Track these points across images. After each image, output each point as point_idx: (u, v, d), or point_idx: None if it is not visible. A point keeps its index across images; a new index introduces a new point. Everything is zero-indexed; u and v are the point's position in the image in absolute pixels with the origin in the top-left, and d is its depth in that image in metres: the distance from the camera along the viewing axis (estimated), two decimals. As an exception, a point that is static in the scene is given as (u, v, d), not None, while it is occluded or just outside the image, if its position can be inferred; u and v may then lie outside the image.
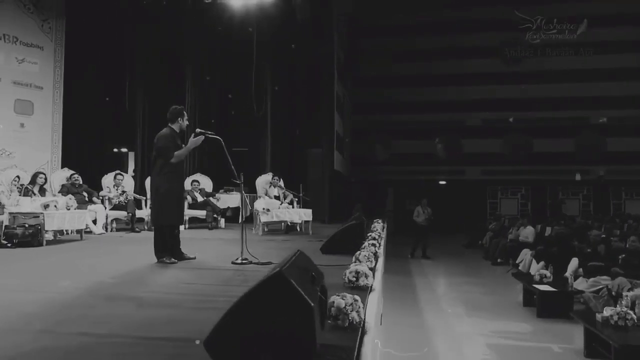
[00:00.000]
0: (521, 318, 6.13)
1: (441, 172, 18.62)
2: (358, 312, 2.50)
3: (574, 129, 17.81)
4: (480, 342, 5.13)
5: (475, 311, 6.55)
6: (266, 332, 1.72)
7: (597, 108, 17.68)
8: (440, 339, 5.28)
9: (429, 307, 6.78)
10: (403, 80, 18.69)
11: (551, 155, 17.72)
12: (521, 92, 18.09)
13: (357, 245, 5.34)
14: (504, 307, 6.75)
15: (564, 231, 8.88)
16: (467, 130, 18.55)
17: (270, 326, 1.72)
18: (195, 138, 4.69)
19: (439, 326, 5.80)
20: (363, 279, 3.50)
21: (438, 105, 18.48)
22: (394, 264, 10.84)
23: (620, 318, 4.29)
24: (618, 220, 13.41)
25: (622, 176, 17.35)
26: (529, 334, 5.45)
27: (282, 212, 8.12)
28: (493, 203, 18.50)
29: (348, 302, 2.50)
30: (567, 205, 17.75)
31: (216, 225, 9.27)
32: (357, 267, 3.53)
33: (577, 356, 4.71)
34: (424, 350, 4.89)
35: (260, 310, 1.74)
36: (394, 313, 6.40)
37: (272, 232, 8.56)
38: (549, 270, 7.19)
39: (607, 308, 4.48)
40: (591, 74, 17.85)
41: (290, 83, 11.96)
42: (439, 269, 10.45)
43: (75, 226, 6.66)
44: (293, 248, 6.62)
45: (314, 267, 2.32)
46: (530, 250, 8.97)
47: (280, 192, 9.10)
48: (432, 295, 7.60)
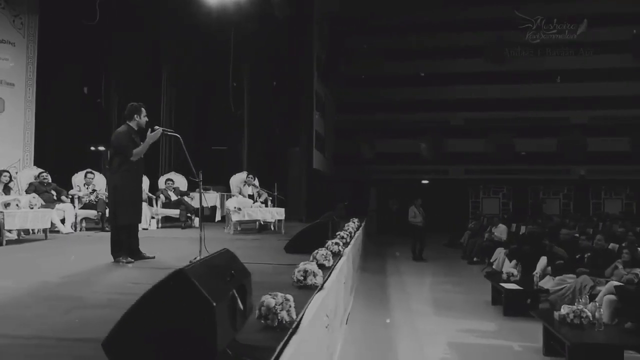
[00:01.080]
0: (487, 317, 6.13)
1: (425, 172, 18.67)
2: (289, 312, 2.47)
3: (555, 129, 17.96)
4: (442, 340, 5.12)
5: (443, 310, 6.55)
6: (166, 332, 1.68)
7: (578, 108, 17.84)
8: (402, 338, 5.26)
9: (398, 306, 6.77)
10: (387, 80, 18.71)
11: (533, 155, 17.85)
12: (504, 92, 18.20)
13: (321, 244, 5.32)
14: (473, 306, 6.76)
15: (536, 230, 8.94)
16: (451, 130, 18.62)
17: (171, 326, 1.68)
18: (153, 132, 4.62)
19: (404, 325, 5.78)
20: (311, 277, 3.46)
21: (422, 105, 18.53)
22: (372, 263, 10.87)
23: (575, 316, 4.30)
24: (595, 220, 13.55)
25: (602, 176, 17.54)
26: (492, 333, 5.46)
27: (254, 211, 8.07)
28: (475, 202, 18.60)
29: (278, 302, 2.47)
30: (548, 204, 17.91)
31: (190, 225, 9.20)
32: (305, 266, 3.50)
33: (536, 354, 4.72)
34: (383, 349, 4.87)
35: (160, 310, 1.70)
36: (362, 312, 6.40)
37: (245, 231, 8.52)
38: (517, 268, 7.24)
39: (564, 306, 4.49)
40: (574, 74, 18.01)
41: (270, 82, 11.91)
42: (414, 268, 10.47)
43: (39, 225, 6.55)
44: (262, 247, 6.61)
45: (238, 266, 2.28)
46: (504, 249, 9.00)
47: (254, 191, 9.05)
48: (403, 294, 7.59)
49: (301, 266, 3.52)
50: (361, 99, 18.65)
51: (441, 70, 18.44)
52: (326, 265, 4.40)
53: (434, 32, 18.47)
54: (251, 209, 8.11)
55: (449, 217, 16.68)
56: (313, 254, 4.46)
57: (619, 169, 17.35)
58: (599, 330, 4.23)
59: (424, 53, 18.56)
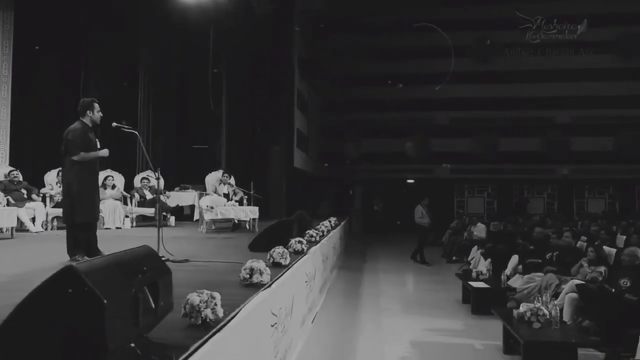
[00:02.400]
0: (456, 315, 6.12)
1: (410, 171, 18.69)
2: (213, 310, 2.42)
3: (539, 129, 18.04)
4: (406, 339, 5.09)
5: (412, 308, 6.53)
6: (56, 328, 1.63)
7: (562, 108, 17.92)
8: (366, 336, 5.23)
9: (368, 304, 6.74)
10: (373, 79, 18.70)
11: (517, 154, 17.92)
12: (489, 91, 18.25)
13: (285, 242, 5.28)
14: (443, 305, 6.75)
15: (511, 228, 8.96)
16: (436, 129, 18.65)
17: (60, 321, 1.63)
18: (103, 151, 4.58)
19: (370, 323, 5.75)
20: (257, 275, 3.42)
21: (408, 104, 18.54)
22: (352, 262, 10.84)
23: (532, 314, 4.29)
24: (577, 218, 13.61)
25: (585, 175, 17.63)
26: (457, 331, 5.44)
27: (228, 210, 8.02)
28: (460, 202, 18.64)
29: (203, 300, 2.42)
30: (532, 204, 17.98)
31: (165, 223, 9.12)
32: (252, 264, 3.46)
33: (496, 352, 4.70)
34: (344, 347, 4.83)
35: (50, 305, 1.64)
36: (332, 310, 6.36)
37: (219, 230, 8.47)
38: (487, 266, 7.24)
39: (522, 305, 4.47)
40: (557, 74, 18.09)
41: (250, 80, 11.85)
42: (393, 266, 10.45)
43: (4, 224, 6.46)
44: (229, 245, 6.54)
45: (154, 263, 2.22)
46: (480, 248, 9.00)
47: (230, 189, 9.00)
48: (375, 293, 7.56)
49: (248, 264, 3.48)
50: (347, 97, 18.63)
51: (426, 70, 18.45)
52: (282, 264, 4.36)
53: (420, 31, 18.47)
54: (224, 207, 8.05)
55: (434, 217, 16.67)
56: (270, 252, 4.42)
57: (602, 168, 17.46)
58: (555, 328, 4.21)
59: (410, 52, 18.57)
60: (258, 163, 11.84)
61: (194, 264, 4.63)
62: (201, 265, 4.56)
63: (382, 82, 18.59)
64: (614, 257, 5.62)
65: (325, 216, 11.68)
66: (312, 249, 5.83)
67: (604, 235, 7.61)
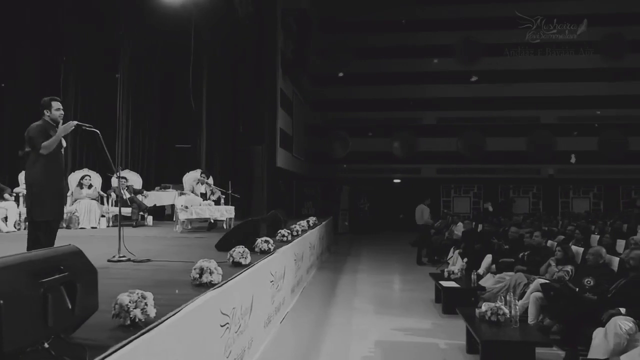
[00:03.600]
0: (426, 315, 6.11)
1: (397, 171, 18.71)
2: (143, 310, 2.39)
3: (525, 129, 18.11)
4: (372, 339, 5.08)
5: (384, 308, 6.52)
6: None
7: (548, 108, 18.01)
8: (333, 336, 5.21)
9: (341, 304, 6.72)
10: (360, 78, 18.70)
11: (503, 154, 17.98)
12: (475, 91, 18.29)
13: (252, 242, 5.25)
14: (416, 304, 6.74)
15: (488, 228, 8.98)
16: (423, 129, 18.68)
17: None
18: (65, 125, 4.50)
19: (340, 323, 5.73)
20: (207, 275, 3.39)
21: (395, 103, 18.56)
22: (332, 262, 10.82)
23: (492, 314, 4.29)
24: (559, 217, 13.68)
25: (570, 175, 17.72)
26: (425, 331, 5.42)
27: (203, 209, 7.98)
28: (446, 201, 18.67)
29: (132, 300, 2.39)
30: (518, 203, 18.05)
31: (142, 223, 9.08)
32: (202, 264, 3.42)
33: (459, 352, 4.69)
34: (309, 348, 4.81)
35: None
36: (303, 310, 6.33)
37: (195, 230, 8.43)
38: (460, 266, 7.24)
39: (484, 304, 4.47)
40: (543, 74, 18.16)
41: (232, 79, 11.78)
42: (373, 266, 10.45)
43: (-28, 223, 6.38)
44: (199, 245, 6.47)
45: (76, 263, 2.18)
46: (458, 248, 9.01)
47: (207, 189, 8.96)
48: (351, 292, 7.55)
49: (198, 264, 3.45)
50: (333, 97, 18.62)
51: (414, 69, 18.47)
52: (243, 263, 4.34)
53: (407, 30, 18.49)
54: (200, 207, 8.01)
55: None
56: (230, 252, 4.39)
57: (587, 168, 17.55)
58: (515, 327, 4.21)
59: (397, 51, 18.58)
60: (241, 163, 11.79)
61: (154, 263, 4.59)
62: (161, 265, 4.52)
63: (369, 82, 18.59)
64: (582, 256, 5.64)
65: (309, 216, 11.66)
66: (281, 249, 5.81)
67: (578, 235, 7.64)
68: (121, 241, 4.71)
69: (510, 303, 4.43)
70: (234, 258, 4.30)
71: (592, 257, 4.97)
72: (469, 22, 18.49)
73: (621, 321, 3.56)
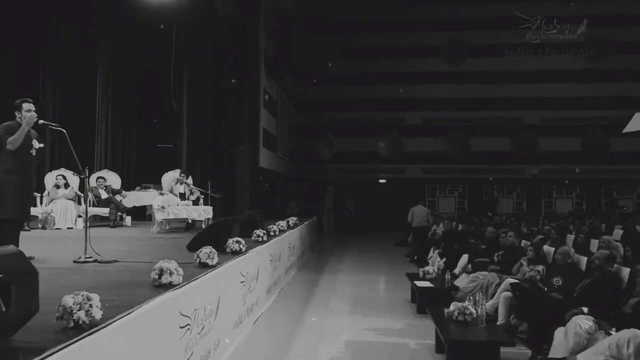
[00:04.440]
0: (401, 315, 6.11)
1: (382, 171, 18.75)
2: (88, 312, 2.35)
3: (509, 129, 18.26)
4: (343, 339, 5.07)
5: (360, 308, 6.51)
6: None
7: (531, 108, 18.17)
8: (304, 337, 5.19)
9: (317, 304, 6.71)
10: (345, 78, 18.72)
11: (488, 154, 18.10)
12: (460, 91, 18.41)
13: (222, 242, 5.22)
14: (392, 304, 6.75)
15: (466, 228, 9.03)
16: (408, 129, 18.75)
17: None
18: (27, 118, 4.46)
19: (313, 323, 5.72)
20: (167, 276, 3.35)
21: (380, 104, 18.60)
22: (314, 262, 10.80)
23: (460, 313, 4.30)
24: (541, 217, 13.80)
25: (553, 175, 17.90)
26: (396, 331, 5.43)
27: (180, 210, 7.92)
28: (432, 201, 18.76)
29: (77, 301, 2.35)
30: (502, 203, 18.19)
31: (121, 224, 8.99)
32: (161, 265, 3.39)
33: (429, 352, 4.70)
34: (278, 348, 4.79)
35: None
36: (278, 311, 6.30)
37: (173, 230, 8.37)
38: (436, 265, 7.27)
39: (453, 303, 4.48)
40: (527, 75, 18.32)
41: (214, 79, 11.71)
42: (355, 266, 10.46)
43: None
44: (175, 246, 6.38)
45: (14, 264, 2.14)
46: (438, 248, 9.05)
47: (186, 189, 8.90)
48: (328, 293, 7.55)
49: (158, 265, 3.41)
50: (319, 97, 18.63)
51: (399, 70, 18.53)
52: (209, 264, 4.31)
53: (392, 31, 18.54)
54: (177, 207, 7.95)
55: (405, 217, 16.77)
56: (196, 253, 4.36)
57: (570, 168, 17.74)
58: (481, 327, 4.22)
59: (382, 52, 18.62)
60: (223, 163, 11.73)
61: (120, 264, 4.54)
62: (126, 265, 4.47)
63: (354, 82, 18.62)
64: (553, 256, 5.68)
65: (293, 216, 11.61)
66: (254, 249, 5.78)
67: (554, 235, 7.71)
68: (87, 242, 4.65)
69: (478, 303, 4.45)
70: (200, 259, 4.27)
71: (560, 256, 5.02)
72: (454, 22, 18.59)
73: (581, 320, 3.59)
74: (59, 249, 5.79)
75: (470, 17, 18.61)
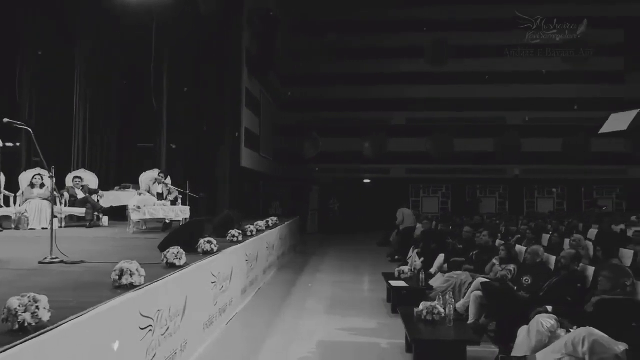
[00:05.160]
0: (375, 315, 6.12)
1: (367, 171, 18.79)
2: (34, 314, 2.31)
3: (492, 130, 18.42)
4: (315, 339, 5.06)
5: (335, 308, 6.51)
6: None
7: (514, 109, 18.34)
8: (276, 337, 5.18)
9: (293, 305, 6.70)
10: (330, 78, 18.72)
11: (471, 155, 18.24)
12: (444, 92, 18.51)
13: (194, 242, 5.18)
14: (368, 304, 6.76)
15: (443, 228, 9.08)
16: (393, 129, 18.81)
17: None
18: None
19: (287, 324, 5.71)
20: (127, 277, 3.31)
21: (365, 104, 18.63)
22: (295, 262, 10.78)
23: (428, 313, 4.32)
24: (521, 217, 13.94)
25: (535, 175, 18.11)
26: (369, 330, 5.44)
27: (156, 210, 7.84)
28: (415, 201, 18.84)
29: (23, 303, 2.31)
30: (484, 203, 18.34)
31: (97, 224, 8.88)
32: (122, 265, 3.34)
33: (399, 351, 4.71)
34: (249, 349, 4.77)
35: None
36: (253, 312, 6.28)
37: (150, 230, 8.29)
38: (414, 265, 7.30)
39: (422, 303, 4.50)
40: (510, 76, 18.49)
41: (195, 78, 11.64)
42: (336, 266, 10.47)
43: None
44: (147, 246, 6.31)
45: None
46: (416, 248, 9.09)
47: (164, 189, 8.82)
48: (305, 293, 7.54)
49: (118, 265, 3.37)
50: (304, 97, 18.61)
51: (384, 70, 18.59)
52: (177, 264, 4.27)
53: (377, 31, 18.59)
54: (153, 207, 7.87)
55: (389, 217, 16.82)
56: (164, 253, 4.32)
57: (551, 169, 17.95)
58: (449, 326, 4.25)
59: (367, 52, 18.66)
60: (204, 162, 11.66)
61: (86, 265, 4.48)
62: (92, 266, 4.41)
63: (339, 82, 18.63)
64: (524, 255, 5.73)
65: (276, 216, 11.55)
66: (228, 250, 5.74)
67: (529, 235, 7.79)
68: (54, 242, 4.58)
69: (447, 302, 4.48)
70: (168, 259, 4.23)
71: (530, 256, 5.06)
72: (438, 23, 18.69)
73: (543, 319, 3.63)
74: (28, 249, 5.69)
75: (454, 19, 18.71)
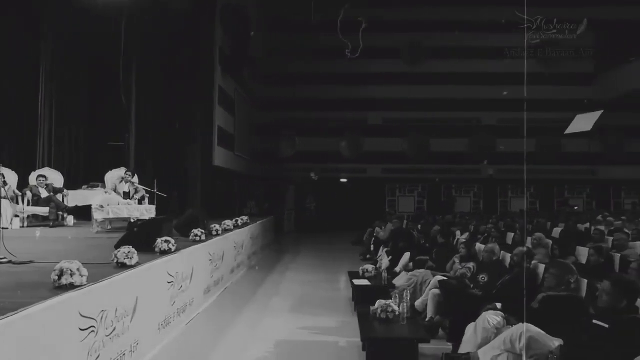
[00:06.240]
0: (338, 313, 6.12)
1: (344, 170, 18.83)
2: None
3: (467, 130, 18.64)
4: (274, 338, 5.04)
5: (301, 307, 6.50)
6: None
7: (488, 110, 18.58)
8: (235, 337, 5.15)
9: (257, 304, 6.68)
10: (307, 77, 18.69)
11: (446, 155, 18.43)
12: (420, 92, 18.65)
13: (152, 242, 5.11)
14: (334, 303, 6.76)
15: (412, 227, 9.15)
16: (369, 129, 18.88)
17: None
18: None
19: (248, 324, 5.67)
20: (67, 277, 3.24)
21: (342, 103, 18.66)
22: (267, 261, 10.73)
23: (382, 311, 4.33)
24: (493, 217, 14.13)
25: (509, 175, 18.38)
26: (329, 329, 5.43)
27: (121, 209, 7.72)
28: (391, 201, 18.96)
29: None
30: (460, 202, 18.55)
31: (62, 223, 8.69)
32: (62, 265, 3.27)
33: (356, 350, 4.71)
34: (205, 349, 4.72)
35: None
36: (216, 312, 6.22)
37: (115, 230, 8.14)
38: (380, 264, 7.33)
39: (378, 301, 4.51)
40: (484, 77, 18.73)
41: (165, 75, 11.47)
42: (308, 264, 10.48)
43: None
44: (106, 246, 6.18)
45: None
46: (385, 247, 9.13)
47: (131, 188, 8.69)
48: (273, 292, 7.52)
49: (58, 265, 3.29)
50: (280, 96, 18.55)
51: (360, 70, 18.63)
52: (128, 264, 4.20)
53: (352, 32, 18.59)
54: (117, 206, 7.74)
55: (366, 216, 16.88)
56: (114, 253, 4.25)
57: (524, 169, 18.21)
58: (402, 324, 4.26)
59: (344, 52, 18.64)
60: (175, 161, 11.52)
61: (35, 265, 4.37)
62: (41, 267, 4.30)
63: (316, 81, 18.62)
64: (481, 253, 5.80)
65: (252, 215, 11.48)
66: (187, 249, 5.67)
67: (494, 233, 7.90)
68: (1, 242, 4.46)
69: (402, 300, 4.50)
70: (118, 259, 4.15)
71: (486, 254, 5.13)
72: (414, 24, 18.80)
73: (490, 316, 3.67)
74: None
75: (430, 19, 18.85)
